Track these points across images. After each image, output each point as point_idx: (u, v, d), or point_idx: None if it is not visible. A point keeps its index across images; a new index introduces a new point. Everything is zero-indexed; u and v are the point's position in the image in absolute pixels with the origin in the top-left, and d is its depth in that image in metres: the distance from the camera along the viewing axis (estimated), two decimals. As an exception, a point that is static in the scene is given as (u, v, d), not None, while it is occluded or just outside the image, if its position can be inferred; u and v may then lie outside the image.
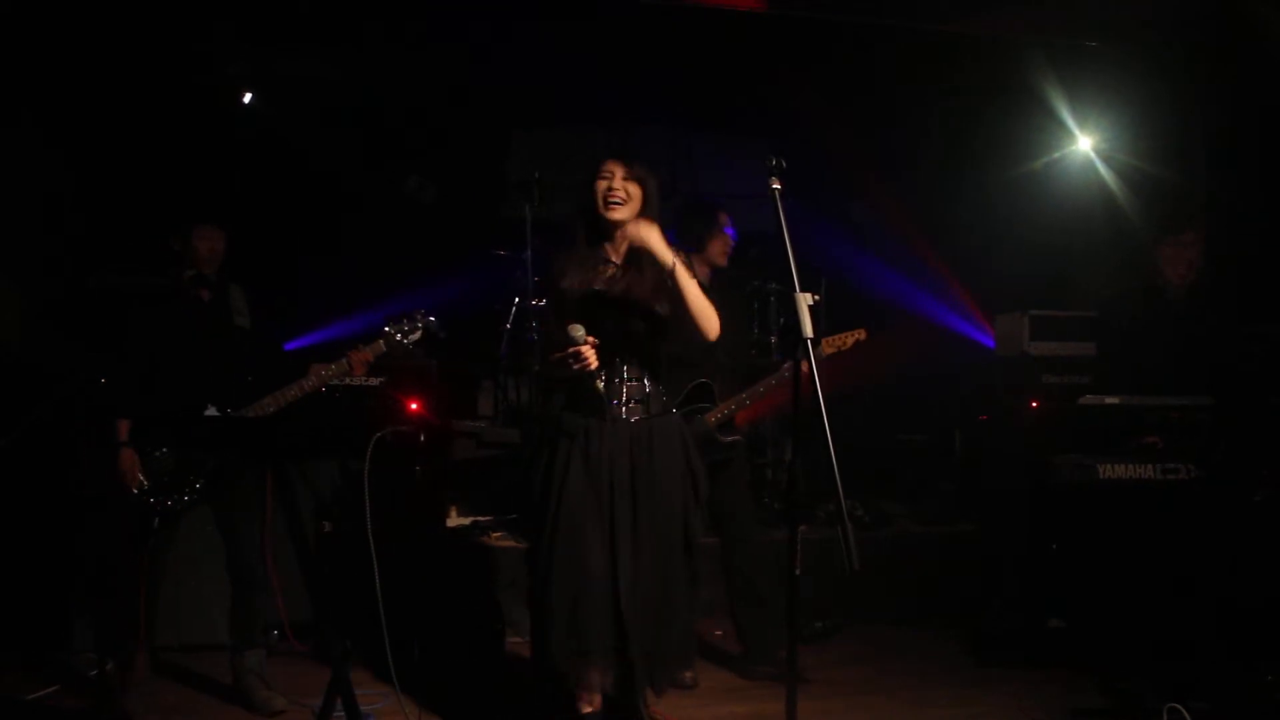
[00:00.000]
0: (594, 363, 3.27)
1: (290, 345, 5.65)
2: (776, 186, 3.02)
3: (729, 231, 4.44)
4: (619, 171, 3.41)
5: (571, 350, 3.25)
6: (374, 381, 4.93)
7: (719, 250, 4.44)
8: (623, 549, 3.34)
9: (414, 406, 4.83)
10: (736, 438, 4.40)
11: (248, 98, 6.32)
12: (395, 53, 6.29)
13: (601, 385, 3.37)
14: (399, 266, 6.21)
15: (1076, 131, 6.84)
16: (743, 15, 6.40)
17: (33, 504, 4.62)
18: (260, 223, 5.96)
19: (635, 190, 3.42)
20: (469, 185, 7.06)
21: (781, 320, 6.33)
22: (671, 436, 3.48)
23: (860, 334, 4.45)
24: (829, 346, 4.42)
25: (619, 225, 3.44)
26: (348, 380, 4.84)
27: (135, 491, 3.98)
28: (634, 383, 3.45)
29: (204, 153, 5.94)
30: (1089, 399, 4.66)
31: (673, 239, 4.33)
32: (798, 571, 2.85)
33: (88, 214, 5.71)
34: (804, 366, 3.94)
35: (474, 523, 5.38)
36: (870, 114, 6.71)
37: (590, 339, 3.27)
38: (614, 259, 3.48)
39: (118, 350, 4.14)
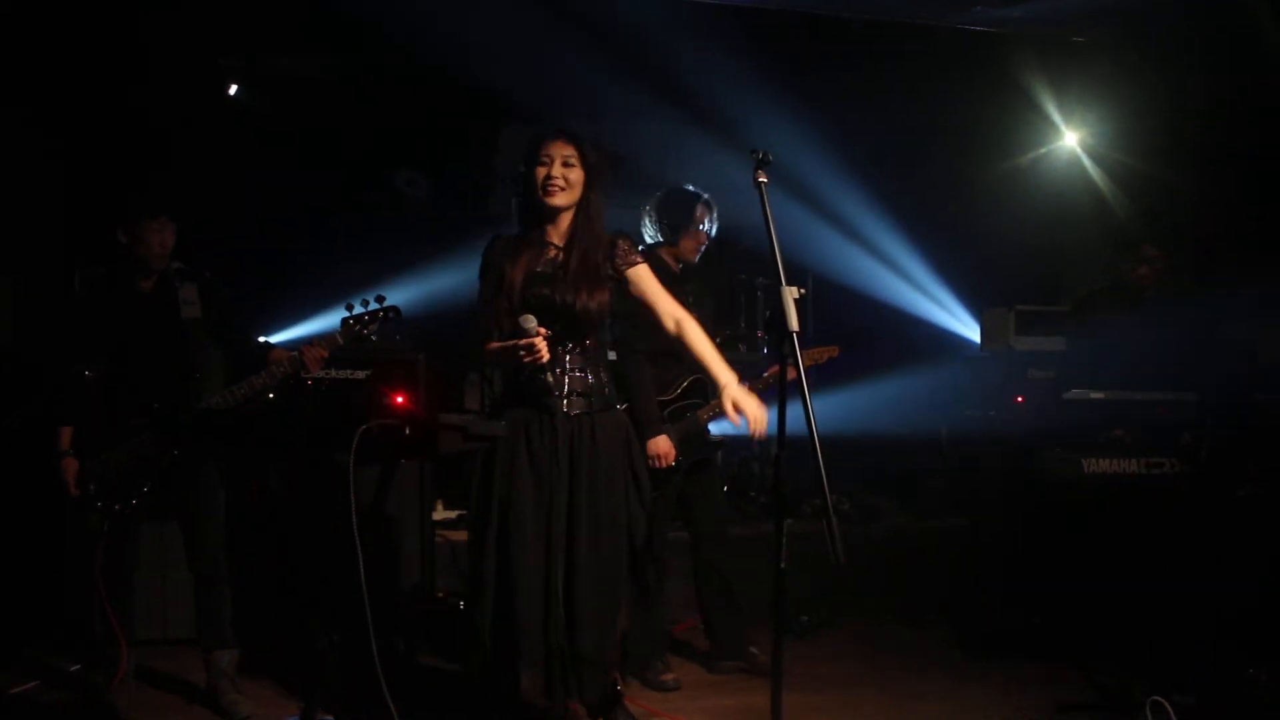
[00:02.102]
0: (546, 355, 3.13)
1: (275, 340, 5.64)
2: (763, 180, 3.00)
3: (705, 228, 4.32)
4: (558, 156, 3.26)
5: (525, 342, 3.10)
6: (360, 375, 4.91)
7: (691, 247, 4.32)
8: (558, 549, 3.22)
9: (400, 400, 4.82)
10: (721, 438, 4.40)
11: (233, 89, 6.28)
12: (384, 46, 6.27)
13: (551, 378, 3.24)
14: (387, 259, 6.18)
15: (1063, 126, 6.87)
16: (733, 9, 6.40)
17: (21, 501, 4.58)
18: (250, 216, 5.97)
19: (576, 175, 3.28)
20: (457, 180, 7.04)
21: (767, 313, 6.31)
22: (615, 435, 3.34)
23: (833, 350, 4.52)
24: (807, 359, 4.37)
25: (559, 210, 3.32)
26: (331, 374, 4.82)
27: (80, 497, 3.85)
28: (577, 374, 3.29)
29: (193, 146, 5.90)
30: (1074, 394, 4.66)
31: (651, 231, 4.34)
32: (783, 566, 2.84)
33: (80, 207, 5.66)
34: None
35: (460, 516, 5.37)
36: (855, 108, 6.71)
37: (542, 330, 3.12)
38: (555, 241, 3.35)
39: (57, 351, 4.03)
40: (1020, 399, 5.71)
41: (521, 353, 3.11)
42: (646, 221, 4.35)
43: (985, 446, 5.64)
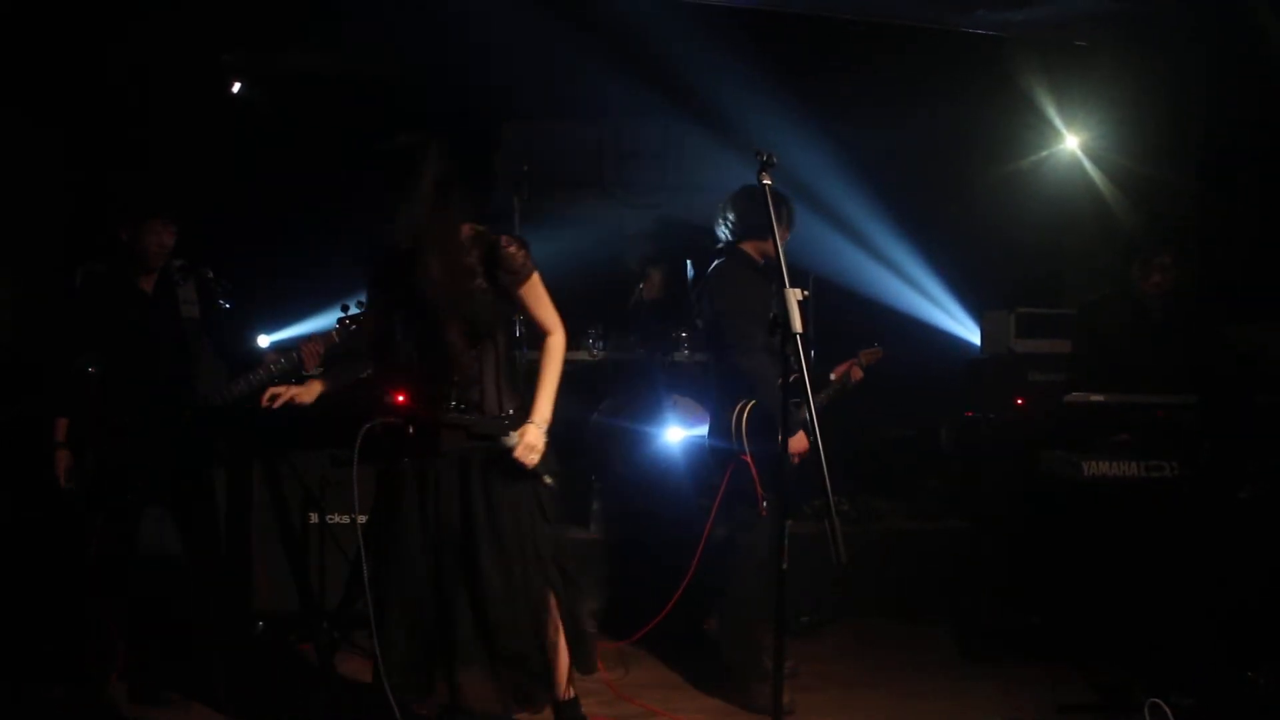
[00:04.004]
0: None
1: (274, 339, 5.64)
2: (766, 181, 3.01)
3: (788, 226, 4.32)
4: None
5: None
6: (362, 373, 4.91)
7: (772, 248, 4.40)
8: (449, 553, 3.17)
9: (401, 398, 4.81)
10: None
11: (236, 87, 6.29)
12: (386, 43, 6.28)
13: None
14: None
15: (1064, 129, 6.88)
16: (734, 10, 6.41)
17: (19, 496, 4.58)
18: (248, 214, 5.97)
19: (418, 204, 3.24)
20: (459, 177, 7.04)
21: (772, 315, 6.30)
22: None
23: (879, 352, 4.74)
24: (867, 358, 4.64)
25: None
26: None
27: (77, 492, 3.88)
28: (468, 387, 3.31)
29: (193, 142, 5.91)
30: (1075, 397, 4.67)
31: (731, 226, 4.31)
32: (784, 565, 2.85)
33: (80, 205, 5.66)
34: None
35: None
36: (857, 111, 6.72)
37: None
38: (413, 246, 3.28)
39: (56, 344, 4.06)
40: (1020, 401, 5.72)
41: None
42: (726, 218, 4.31)
43: (986, 448, 5.65)
